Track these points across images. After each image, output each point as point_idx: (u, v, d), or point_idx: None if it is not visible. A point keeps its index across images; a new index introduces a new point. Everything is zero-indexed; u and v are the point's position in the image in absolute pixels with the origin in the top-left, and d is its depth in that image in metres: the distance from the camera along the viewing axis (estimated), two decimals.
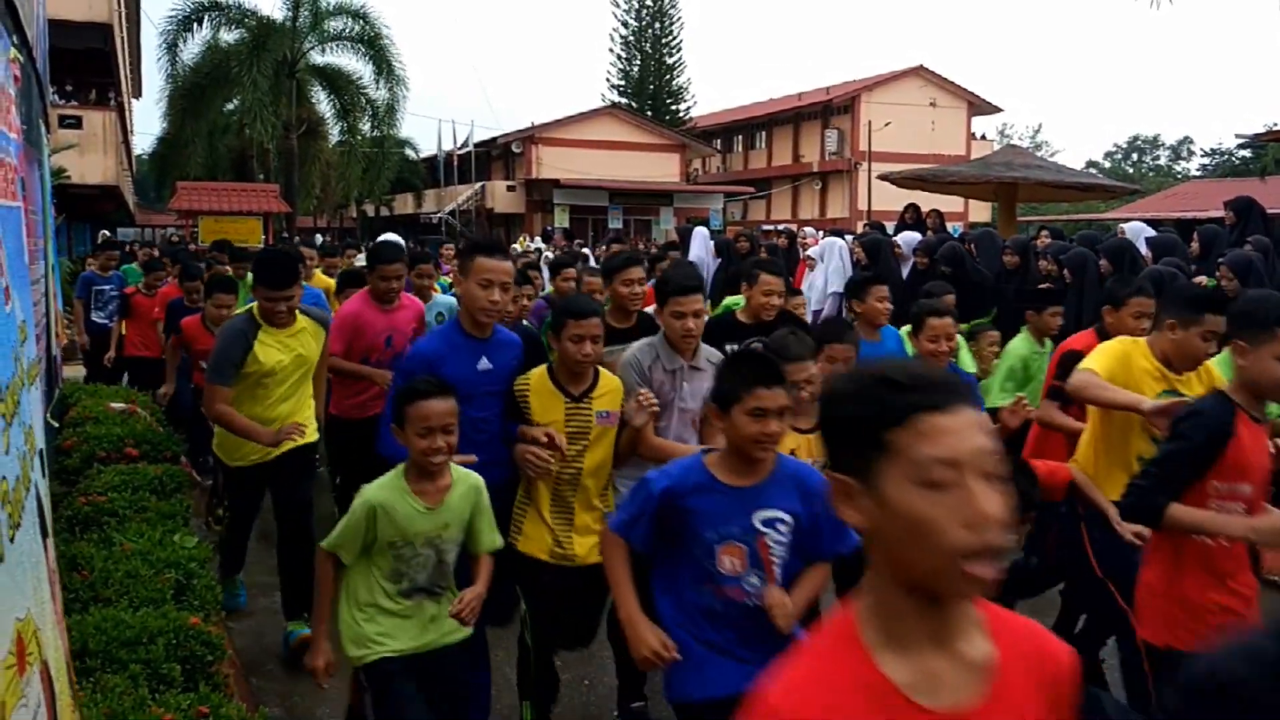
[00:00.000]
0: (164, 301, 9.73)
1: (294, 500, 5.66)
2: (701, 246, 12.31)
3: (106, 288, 11.33)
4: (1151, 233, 10.74)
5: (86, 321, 11.27)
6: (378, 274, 6.36)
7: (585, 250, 20.58)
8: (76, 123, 24.31)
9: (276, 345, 5.36)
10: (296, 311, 5.44)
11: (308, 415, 5.66)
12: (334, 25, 34.92)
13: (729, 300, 7.48)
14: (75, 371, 11.92)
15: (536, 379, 4.35)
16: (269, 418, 5.40)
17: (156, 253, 17.26)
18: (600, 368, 4.41)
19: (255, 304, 5.38)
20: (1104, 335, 5.05)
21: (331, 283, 9.07)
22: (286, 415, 5.47)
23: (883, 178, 16.74)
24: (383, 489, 3.71)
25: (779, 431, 3.13)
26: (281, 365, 5.38)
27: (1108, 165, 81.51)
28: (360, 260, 11.70)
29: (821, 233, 15.51)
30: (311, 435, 5.67)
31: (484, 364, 4.45)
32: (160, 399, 8.87)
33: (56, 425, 6.65)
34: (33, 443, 2.66)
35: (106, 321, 11.10)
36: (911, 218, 13.10)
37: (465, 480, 3.84)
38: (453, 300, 7.81)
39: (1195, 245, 9.59)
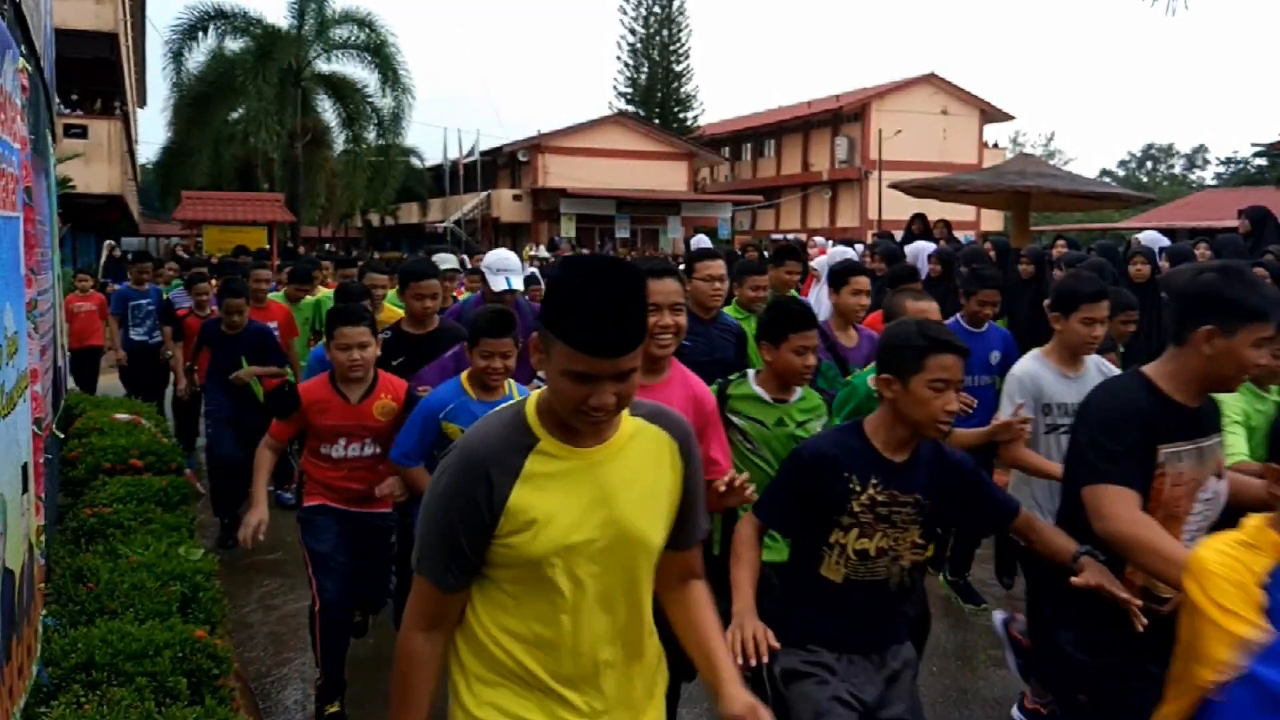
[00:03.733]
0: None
1: None
2: None
3: (143, 302, 10.90)
4: (1166, 242, 10.69)
5: (124, 338, 10.87)
6: (702, 273, 5.46)
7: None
8: (82, 132, 24.40)
9: (568, 490, 2.25)
10: (625, 412, 2.32)
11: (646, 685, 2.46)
12: (339, 33, 35.03)
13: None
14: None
15: None
16: (565, 677, 2.33)
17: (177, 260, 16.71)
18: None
19: (534, 392, 2.36)
20: None
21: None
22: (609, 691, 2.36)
23: (894, 186, 16.70)
24: None
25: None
26: (582, 537, 2.26)
27: (1122, 174, 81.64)
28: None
29: (831, 242, 15.46)
30: None
31: None
32: (182, 392, 8.80)
33: (62, 436, 6.60)
34: None
35: (145, 338, 10.76)
36: (919, 228, 13.06)
37: None
38: None
39: (1208, 252, 9.53)
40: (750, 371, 4.45)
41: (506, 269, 6.12)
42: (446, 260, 7.80)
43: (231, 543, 7.31)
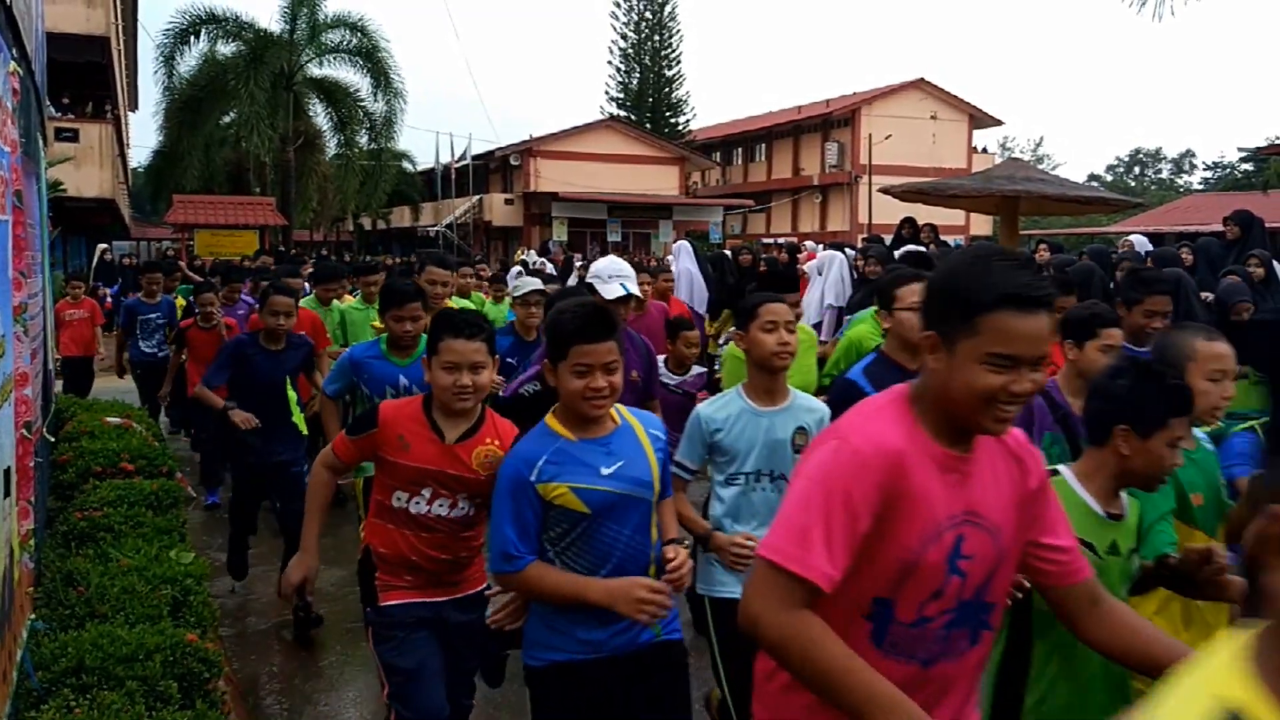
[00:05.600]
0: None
1: None
2: (688, 259, 12.30)
3: (153, 316, 10.48)
4: (1150, 246, 10.76)
5: (133, 350, 10.51)
6: (906, 301, 4.11)
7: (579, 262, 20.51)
8: (73, 136, 24.30)
9: None
10: None
11: None
12: (332, 38, 34.99)
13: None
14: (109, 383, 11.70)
15: None
16: None
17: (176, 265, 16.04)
18: None
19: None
20: None
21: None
22: None
23: (883, 190, 16.69)
24: None
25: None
26: None
27: (1110, 178, 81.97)
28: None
29: (821, 246, 15.49)
30: None
31: None
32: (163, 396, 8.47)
33: (52, 440, 6.60)
34: None
35: (155, 351, 10.40)
36: (909, 232, 13.09)
37: None
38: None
39: (1190, 256, 9.60)
40: (1063, 467, 2.95)
41: (620, 274, 4.98)
42: (530, 283, 6.79)
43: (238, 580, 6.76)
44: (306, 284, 10.78)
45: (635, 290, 4.97)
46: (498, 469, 3.31)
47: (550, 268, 18.82)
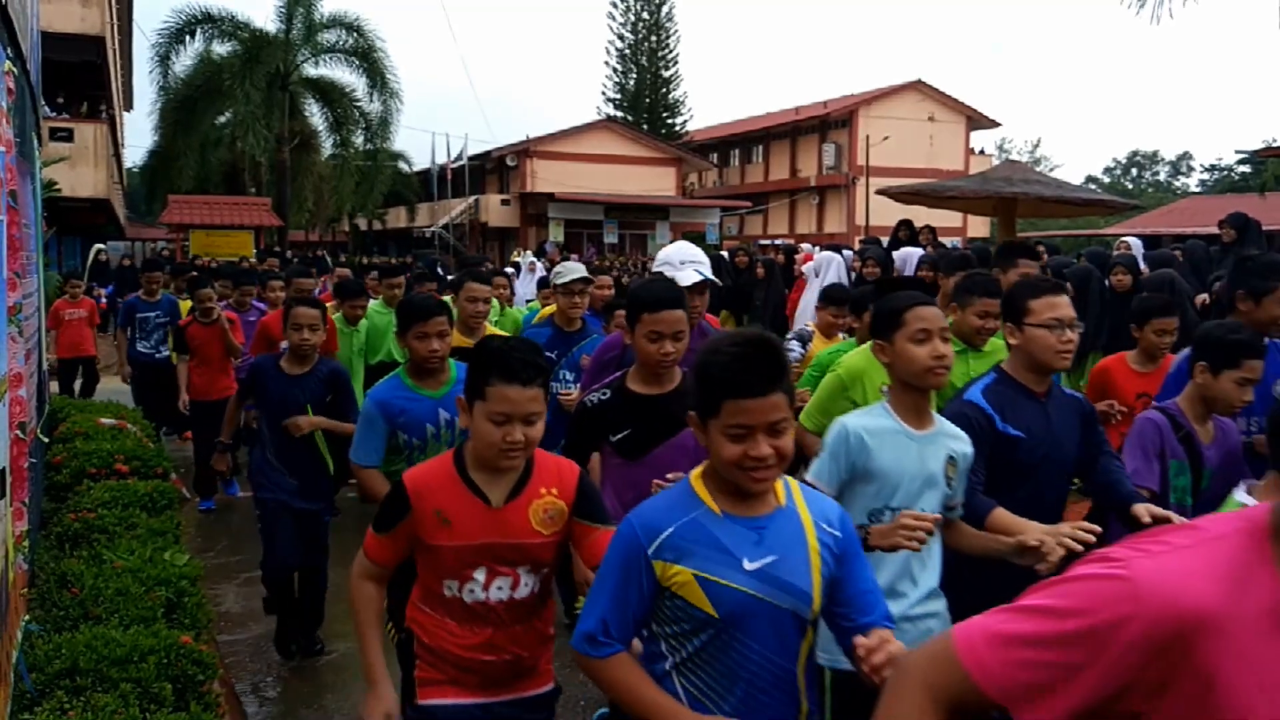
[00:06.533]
0: (263, 337, 7.97)
1: None
2: None
3: (152, 315, 10.32)
4: (1143, 249, 10.79)
5: (131, 350, 10.34)
6: (1042, 316, 3.67)
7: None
8: (68, 135, 24.31)
9: None
10: None
11: None
12: (327, 38, 35.00)
13: None
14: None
15: None
16: None
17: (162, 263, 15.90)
18: None
19: None
20: None
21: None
22: None
23: (881, 192, 16.71)
24: None
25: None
26: None
27: (1107, 180, 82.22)
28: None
29: (818, 248, 15.48)
30: None
31: None
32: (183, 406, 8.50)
33: (47, 441, 6.58)
34: None
35: (152, 352, 10.26)
36: (906, 235, 13.10)
37: None
38: None
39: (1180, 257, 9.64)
40: (1241, 493, 2.82)
41: (693, 259, 4.54)
42: (574, 270, 6.31)
43: (295, 653, 5.80)
44: (317, 286, 10.75)
45: (710, 275, 4.54)
46: (564, 525, 2.86)
47: (542, 268, 18.80)
